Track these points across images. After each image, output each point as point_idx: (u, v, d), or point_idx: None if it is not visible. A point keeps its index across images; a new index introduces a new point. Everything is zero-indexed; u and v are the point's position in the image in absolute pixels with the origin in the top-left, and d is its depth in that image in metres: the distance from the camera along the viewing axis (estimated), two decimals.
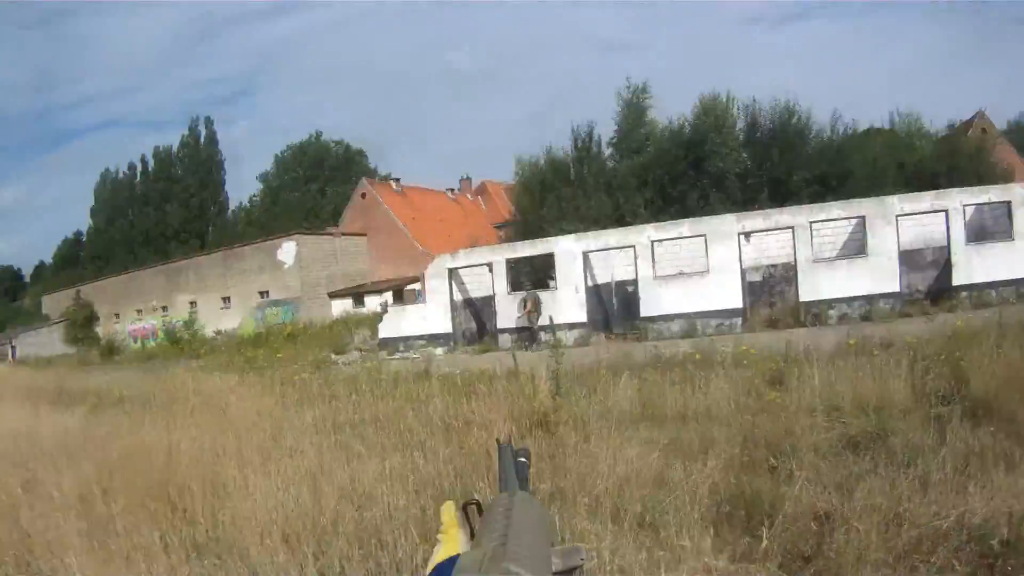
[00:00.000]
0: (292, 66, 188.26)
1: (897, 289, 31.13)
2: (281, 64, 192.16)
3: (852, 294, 30.83)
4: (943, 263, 32.16)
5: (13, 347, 72.35)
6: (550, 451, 9.13)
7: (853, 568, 5.65)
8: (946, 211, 31.56)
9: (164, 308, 68.22)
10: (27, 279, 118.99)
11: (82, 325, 72.46)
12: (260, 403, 14.93)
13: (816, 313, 30.45)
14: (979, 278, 30.29)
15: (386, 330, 39.26)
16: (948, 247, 31.70)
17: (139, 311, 70.42)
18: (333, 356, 32.06)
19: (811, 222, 32.56)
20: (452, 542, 1.26)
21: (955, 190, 32.85)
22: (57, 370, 39.07)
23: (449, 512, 1.30)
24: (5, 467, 10.64)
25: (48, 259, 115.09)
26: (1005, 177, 44.20)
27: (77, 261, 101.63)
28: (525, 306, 34.52)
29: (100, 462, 10.18)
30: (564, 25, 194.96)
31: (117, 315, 72.75)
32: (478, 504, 1.37)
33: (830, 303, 31.05)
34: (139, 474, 9.05)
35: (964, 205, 31.98)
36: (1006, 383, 10.35)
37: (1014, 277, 29.87)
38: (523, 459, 1.50)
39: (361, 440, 10.91)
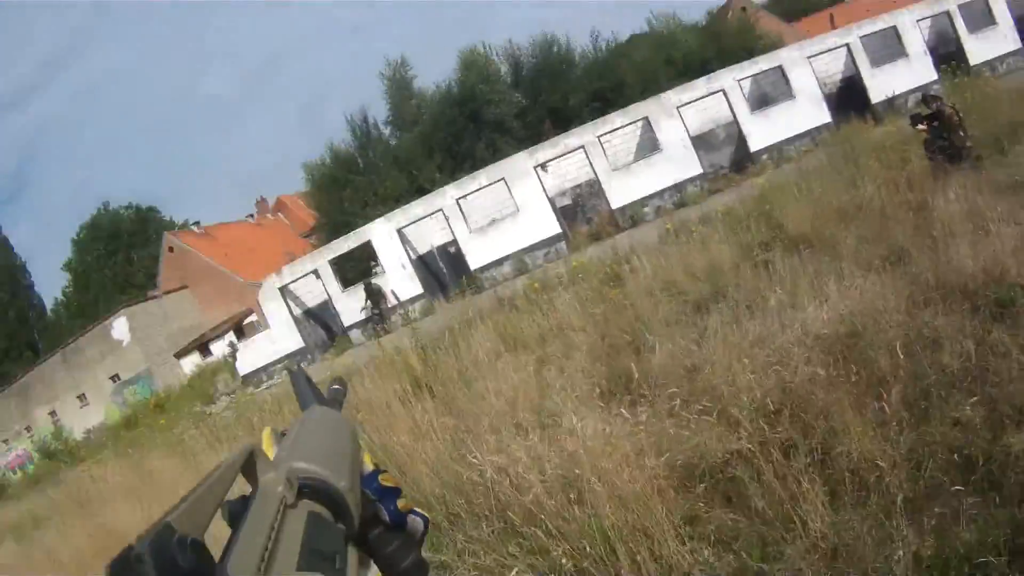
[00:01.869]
0: (58, 145, 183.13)
1: (700, 171, 32.47)
2: (46, 145, 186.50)
3: (659, 188, 32.02)
4: (736, 135, 33.68)
5: None
6: (445, 400, 9.70)
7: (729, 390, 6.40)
8: (723, 90, 33.11)
9: (27, 429, 64.83)
10: None
11: None
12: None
13: (631, 215, 31.48)
14: (773, 139, 32.09)
15: (244, 366, 39.04)
16: (735, 121, 33.26)
17: (5, 441, 66.26)
18: (205, 408, 31.67)
19: (598, 136, 33.48)
20: None
21: (725, 70, 34.34)
22: None
23: (267, 436, 1.20)
24: None
25: None
26: (775, 47, 44.82)
27: None
28: (368, 297, 34.80)
29: None
30: (306, 23, 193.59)
31: None
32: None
33: (642, 202, 32.11)
34: None
35: (738, 80, 33.47)
36: (812, 218, 11.36)
37: (805, 129, 31.84)
38: (337, 387, 1.50)
39: None
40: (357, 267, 39.90)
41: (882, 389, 5.72)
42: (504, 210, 34.70)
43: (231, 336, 53.89)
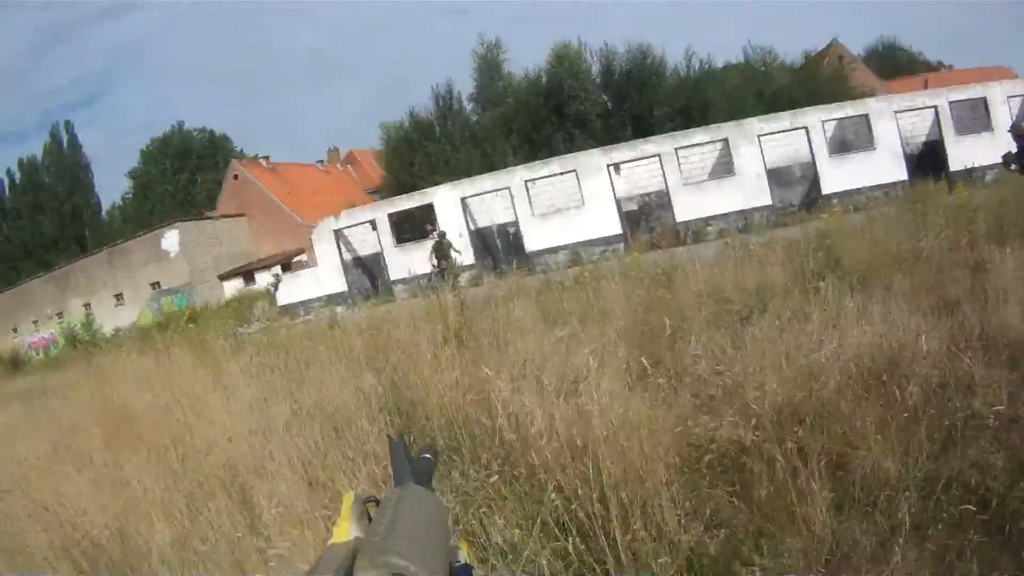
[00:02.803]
0: (145, 62, 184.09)
1: (770, 202, 32.52)
2: (133, 61, 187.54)
3: (727, 210, 32.06)
4: (811, 176, 33.54)
5: None
6: (474, 352, 9.59)
7: (757, 401, 6.31)
8: (806, 128, 33.04)
9: (59, 315, 66.19)
10: None
11: None
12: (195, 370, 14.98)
13: (694, 231, 31.52)
14: (846, 186, 31.74)
15: (284, 297, 39.60)
16: (813, 161, 33.09)
17: (35, 322, 68.38)
18: (239, 329, 31.82)
19: (676, 148, 33.71)
20: (341, 535, 1.21)
21: (812, 108, 34.33)
22: None
23: (347, 503, 1.25)
24: None
25: None
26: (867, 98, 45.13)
27: None
28: (435, 252, 34.72)
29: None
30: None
31: (15, 329, 70.16)
32: (377, 501, 1.31)
33: (707, 220, 32.15)
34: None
35: (823, 121, 33.37)
36: (871, 258, 11.47)
37: (880, 183, 31.46)
38: (427, 456, 1.50)
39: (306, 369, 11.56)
40: (414, 228, 39.89)
41: (908, 417, 5.70)
42: (570, 201, 34.90)
43: (278, 270, 53.85)
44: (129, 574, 6.01)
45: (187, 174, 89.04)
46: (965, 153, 32.65)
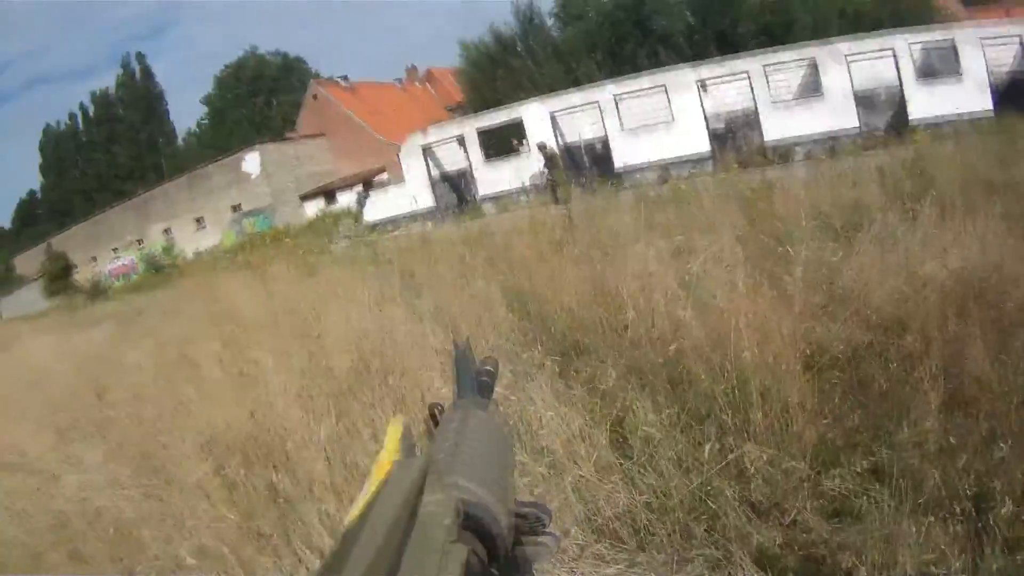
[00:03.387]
0: None
1: (857, 126, 32.32)
2: None
3: (815, 131, 31.94)
4: (898, 101, 33.18)
5: None
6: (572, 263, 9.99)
7: (861, 300, 6.96)
8: (893, 51, 32.79)
9: (139, 241, 66.46)
10: None
11: (60, 276, 69.24)
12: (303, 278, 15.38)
13: (781, 153, 31.43)
14: (932, 112, 31.38)
15: (371, 214, 40.15)
16: (900, 85, 32.82)
17: (115, 249, 68.28)
18: (332, 244, 32.05)
19: (764, 66, 33.70)
20: (383, 471, 0.90)
21: (899, 30, 33.90)
22: (57, 316, 38.76)
23: (394, 434, 1.00)
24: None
25: (5, 224, 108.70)
26: (950, 22, 43.81)
27: (37, 219, 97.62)
28: (546, 162, 34.94)
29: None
30: None
31: (94, 258, 69.65)
32: (442, 408, 1.23)
33: (794, 142, 32.06)
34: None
35: (910, 44, 33.04)
36: (965, 182, 11.84)
37: (966, 110, 30.88)
38: (489, 368, 1.39)
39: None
40: (502, 143, 40.11)
41: (1006, 331, 5.98)
42: (658, 118, 34.87)
43: (359, 189, 54.16)
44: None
45: (263, 97, 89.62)
46: None
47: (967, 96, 31.82)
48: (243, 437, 6.79)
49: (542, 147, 35.00)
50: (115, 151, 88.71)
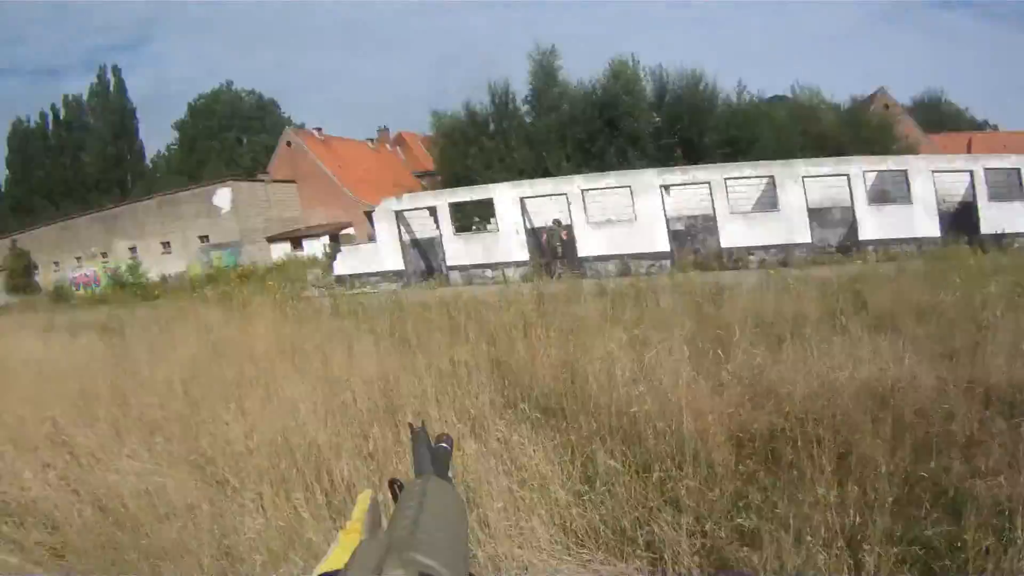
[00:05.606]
0: (190, 14, 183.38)
1: (809, 240, 33.96)
2: (178, 11, 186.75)
3: (769, 242, 33.52)
4: (850, 221, 34.80)
5: None
6: (557, 341, 11.30)
7: (783, 396, 8.41)
8: (848, 175, 34.56)
9: (104, 255, 67.09)
10: None
11: (21, 275, 71.02)
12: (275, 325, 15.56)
13: (736, 259, 32.97)
14: (882, 234, 33.12)
15: (341, 267, 40.80)
16: (852, 207, 34.49)
17: (78, 258, 69.07)
18: (306, 291, 32.09)
19: (726, 178, 35.21)
20: (349, 540, 1.24)
21: (856, 157, 36.04)
22: (16, 315, 38.53)
23: (363, 503, 1.27)
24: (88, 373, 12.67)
25: None
26: (909, 151, 46.44)
27: None
28: (553, 237, 36.71)
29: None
30: None
31: (56, 263, 70.81)
32: (401, 485, 1.35)
33: (749, 250, 33.65)
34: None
35: (864, 171, 34.81)
36: (893, 305, 13.38)
37: (914, 236, 32.81)
38: (444, 445, 1.53)
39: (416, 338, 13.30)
40: (468, 220, 41.80)
41: (899, 427, 7.40)
42: (622, 215, 36.37)
43: (326, 239, 56.08)
44: None
45: (234, 133, 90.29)
46: (998, 218, 33.51)
47: (916, 221, 33.63)
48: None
49: (558, 224, 36.79)
50: (83, 159, 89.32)
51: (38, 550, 6.97)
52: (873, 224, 34.01)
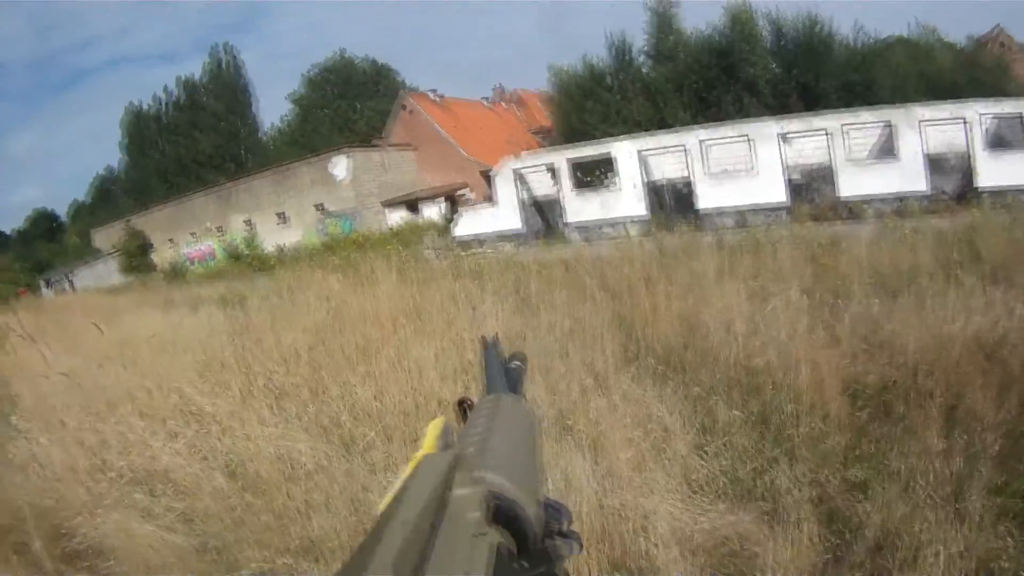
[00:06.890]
0: None
1: (925, 189, 33.09)
2: None
3: (886, 191, 32.83)
4: (966, 167, 33.79)
5: (71, 280, 71.59)
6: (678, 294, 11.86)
7: (896, 348, 8.85)
8: (964, 119, 33.56)
9: (219, 229, 67.36)
10: (64, 219, 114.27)
11: (137, 254, 72.57)
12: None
13: (852, 209, 32.41)
14: (1000, 182, 31.91)
15: (461, 230, 41.40)
16: (970, 153, 33.57)
17: (193, 234, 69.62)
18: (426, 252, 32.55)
19: (843, 125, 34.60)
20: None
21: (973, 100, 34.64)
22: (135, 294, 38.32)
23: (435, 429, 1.10)
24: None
25: (82, 197, 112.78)
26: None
27: (111, 195, 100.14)
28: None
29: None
30: None
31: (172, 240, 71.75)
32: (471, 403, 1.31)
33: (866, 200, 32.88)
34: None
35: (981, 115, 33.68)
36: (1008, 256, 13.31)
37: None
38: (517, 362, 1.48)
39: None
40: (590, 174, 41.37)
41: (1006, 381, 7.53)
42: (740, 166, 36.22)
43: (442, 202, 56.00)
44: None
45: (348, 101, 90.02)
46: None
47: None
48: None
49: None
50: (198, 137, 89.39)
51: (168, 515, 7.32)
52: (991, 171, 32.94)
